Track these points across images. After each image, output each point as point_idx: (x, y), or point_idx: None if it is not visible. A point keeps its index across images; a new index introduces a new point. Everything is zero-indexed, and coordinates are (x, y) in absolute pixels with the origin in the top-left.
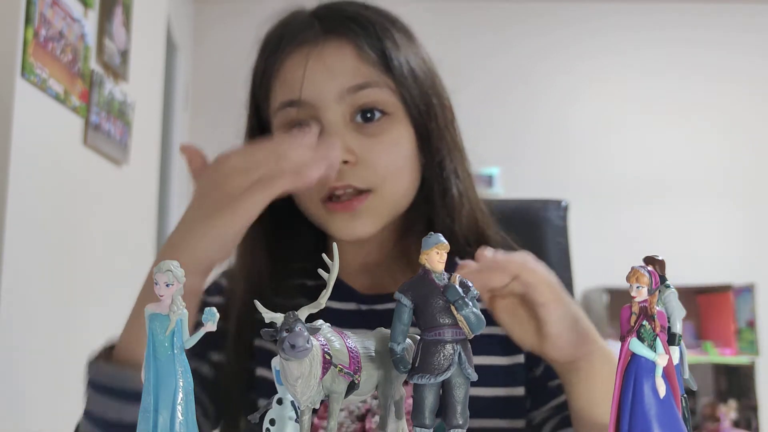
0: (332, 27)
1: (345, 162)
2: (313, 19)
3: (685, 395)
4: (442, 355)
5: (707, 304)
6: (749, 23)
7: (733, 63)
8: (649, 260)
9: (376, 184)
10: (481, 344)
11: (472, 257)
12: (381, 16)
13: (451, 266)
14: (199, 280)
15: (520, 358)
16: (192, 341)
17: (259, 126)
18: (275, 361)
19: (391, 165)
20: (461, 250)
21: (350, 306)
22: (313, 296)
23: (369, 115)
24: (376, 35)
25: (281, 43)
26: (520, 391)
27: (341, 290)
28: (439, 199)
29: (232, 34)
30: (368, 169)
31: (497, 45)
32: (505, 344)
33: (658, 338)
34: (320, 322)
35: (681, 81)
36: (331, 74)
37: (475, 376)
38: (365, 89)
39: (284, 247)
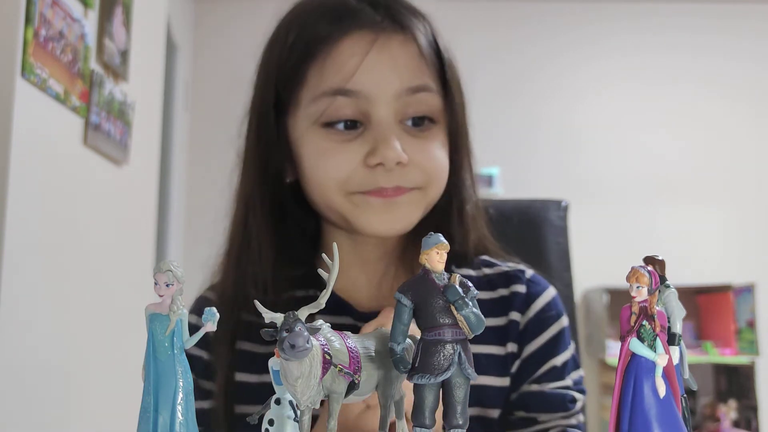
0: (396, 18)
1: (398, 163)
2: (364, 5)
3: (685, 395)
4: (442, 355)
5: (707, 304)
6: (754, 28)
7: (735, 66)
8: (649, 260)
9: (424, 184)
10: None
11: (469, 265)
12: (432, 21)
13: (447, 272)
14: None
15: (506, 381)
16: (192, 341)
17: (275, 108)
18: (273, 362)
19: (438, 168)
20: (461, 262)
21: (346, 320)
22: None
23: (417, 120)
24: (431, 33)
25: (340, 20)
26: (495, 413)
27: (337, 305)
28: (456, 209)
29: (232, 34)
30: (417, 170)
31: (499, 46)
32: (500, 365)
33: (658, 338)
34: (320, 322)
35: (681, 83)
36: (395, 69)
37: (475, 376)
38: (422, 92)
39: (279, 253)
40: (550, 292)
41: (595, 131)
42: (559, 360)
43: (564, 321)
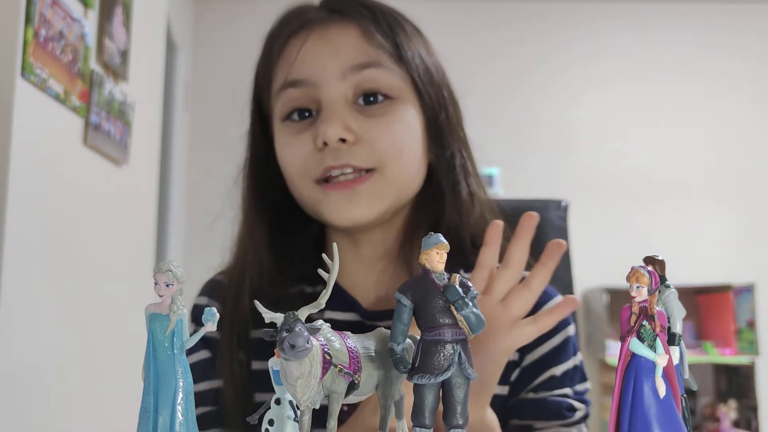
0: (338, 8)
1: (343, 141)
2: (319, 7)
3: (685, 395)
4: (442, 355)
5: (707, 304)
6: (750, 25)
7: (733, 65)
8: (649, 260)
9: (379, 163)
10: None
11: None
12: (392, 10)
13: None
14: None
15: (505, 390)
16: (192, 341)
17: (260, 117)
18: (273, 362)
19: (393, 144)
20: (467, 256)
21: (353, 317)
22: (312, 302)
23: (371, 99)
24: (386, 22)
25: (285, 27)
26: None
27: (344, 301)
28: (449, 195)
29: (232, 34)
30: (368, 148)
31: (498, 45)
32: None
33: (658, 338)
34: (320, 322)
35: (680, 82)
36: (334, 51)
37: (475, 376)
38: (369, 68)
39: (284, 252)
40: (557, 301)
41: (595, 131)
42: (558, 370)
43: (570, 330)
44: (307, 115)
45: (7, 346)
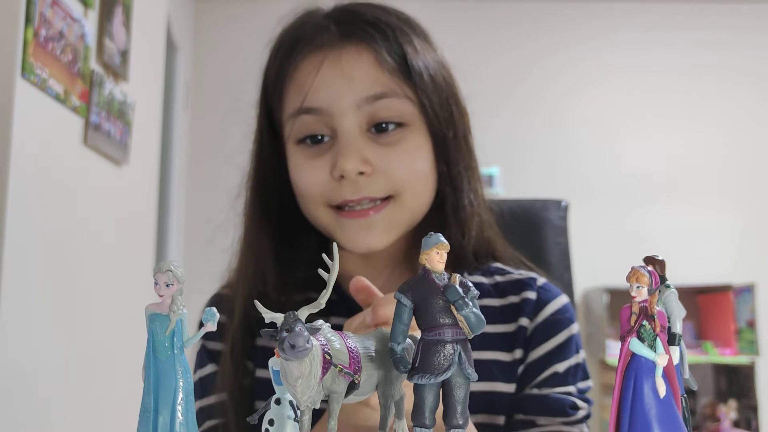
0: (350, 31)
1: (360, 173)
2: (329, 22)
3: (685, 395)
4: (442, 355)
5: (707, 304)
6: (750, 24)
7: (733, 64)
8: (649, 260)
9: (395, 192)
10: (490, 371)
11: (481, 272)
12: (400, 20)
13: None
14: None
15: (512, 388)
16: (192, 341)
17: (270, 128)
18: (273, 362)
19: (409, 174)
20: (470, 265)
21: None
22: (321, 310)
23: (384, 126)
24: (396, 40)
25: (297, 45)
26: (502, 420)
27: (348, 306)
28: (452, 212)
29: (232, 34)
30: (385, 178)
31: (498, 44)
32: (508, 371)
33: (658, 338)
34: (320, 322)
35: (681, 81)
36: (349, 82)
37: (475, 376)
38: (383, 99)
39: (288, 259)
40: (561, 300)
41: (595, 131)
42: (561, 366)
43: (574, 328)
44: (320, 138)
45: (7, 347)
